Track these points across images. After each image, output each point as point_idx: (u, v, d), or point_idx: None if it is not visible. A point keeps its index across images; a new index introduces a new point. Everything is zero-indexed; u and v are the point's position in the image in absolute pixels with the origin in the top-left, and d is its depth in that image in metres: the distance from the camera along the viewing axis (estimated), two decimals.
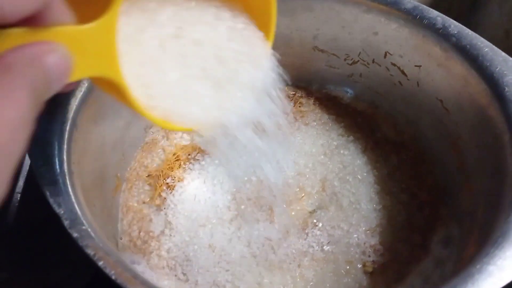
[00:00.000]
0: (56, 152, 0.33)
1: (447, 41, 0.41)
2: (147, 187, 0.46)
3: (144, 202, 0.45)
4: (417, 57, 0.44)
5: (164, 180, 0.46)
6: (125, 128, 0.45)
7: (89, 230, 0.30)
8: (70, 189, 0.32)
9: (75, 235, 0.29)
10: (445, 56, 0.42)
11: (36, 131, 0.34)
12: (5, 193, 0.19)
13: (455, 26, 0.41)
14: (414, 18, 0.43)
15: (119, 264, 0.28)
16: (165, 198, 0.45)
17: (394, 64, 0.46)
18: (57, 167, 0.32)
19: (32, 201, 0.52)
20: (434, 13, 0.42)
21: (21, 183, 0.53)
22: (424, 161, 0.47)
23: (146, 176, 0.47)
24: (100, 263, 0.28)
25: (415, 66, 0.45)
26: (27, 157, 0.55)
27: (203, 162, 0.47)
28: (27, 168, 0.54)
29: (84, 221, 0.30)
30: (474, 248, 0.34)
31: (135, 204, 0.45)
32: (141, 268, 0.38)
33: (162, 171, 0.47)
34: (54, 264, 0.45)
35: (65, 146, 0.34)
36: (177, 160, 0.48)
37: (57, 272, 0.45)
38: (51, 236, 0.47)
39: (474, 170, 0.41)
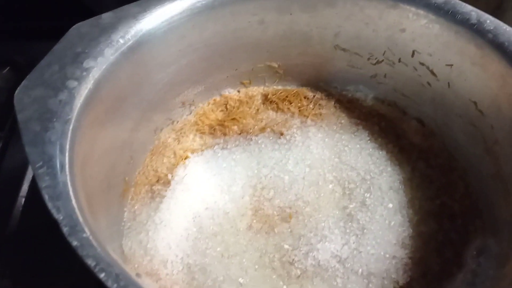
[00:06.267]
0: (57, 152, 0.30)
1: (483, 38, 0.38)
2: (155, 191, 0.43)
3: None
4: (449, 55, 0.41)
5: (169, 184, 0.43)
6: (134, 130, 0.43)
7: (91, 238, 0.27)
8: (71, 193, 0.29)
9: (74, 243, 0.26)
10: (480, 54, 0.38)
11: (36, 128, 0.31)
12: None
13: (491, 21, 0.38)
14: (445, 13, 0.40)
15: (122, 278, 0.25)
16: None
17: (422, 64, 0.43)
18: (58, 168, 0.30)
19: (37, 205, 0.50)
20: (467, 8, 0.39)
21: (25, 186, 0.51)
22: (455, 168, 0.43)
23: (156, 181, 0.44)
24: (102, 275, 0.25)
25: (446, 65, 0.41)
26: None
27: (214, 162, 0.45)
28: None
29: (85, 229, 0.27)
30: None
31: (143, 209, 0.42)
32: (148, 281, 0.35)
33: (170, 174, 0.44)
34: (58, 273, 0.43)
35: (67, 147, 0.31)
36: (185, 158, 0.45)
37: (61, 280, 0.42)
38: (56, 243, 0.44)
39: None
